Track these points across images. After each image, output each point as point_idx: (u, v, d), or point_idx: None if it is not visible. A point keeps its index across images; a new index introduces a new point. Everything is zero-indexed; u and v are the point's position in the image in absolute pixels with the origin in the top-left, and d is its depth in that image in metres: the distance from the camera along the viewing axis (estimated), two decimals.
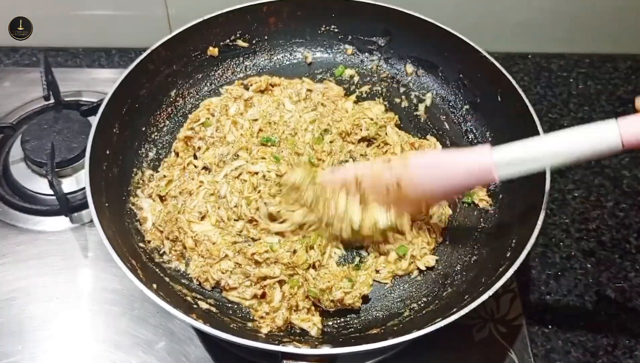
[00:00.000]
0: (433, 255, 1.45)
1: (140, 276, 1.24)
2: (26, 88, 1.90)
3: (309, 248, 1.39)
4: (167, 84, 1.69)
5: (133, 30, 2.08)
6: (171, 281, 1.37)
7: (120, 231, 1.37)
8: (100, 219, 1.27)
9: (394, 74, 1.83)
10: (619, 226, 1.68)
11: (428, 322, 1.18)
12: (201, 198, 1.49)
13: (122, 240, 1.33)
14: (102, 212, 1.32)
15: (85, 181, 1.33)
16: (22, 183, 1.68)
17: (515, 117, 1.51)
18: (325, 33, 1.85)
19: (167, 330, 1.43)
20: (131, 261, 1.28)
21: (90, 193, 1.31)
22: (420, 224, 1.47)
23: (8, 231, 1.59)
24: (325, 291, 1.33)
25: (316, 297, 1.33)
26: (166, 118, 1.69)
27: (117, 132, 1.52)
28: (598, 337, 1.48)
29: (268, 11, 1.78)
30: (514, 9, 2.01)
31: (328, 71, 1.85)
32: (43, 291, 1.49)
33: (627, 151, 1.09)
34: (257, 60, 1.85)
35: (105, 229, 1.26)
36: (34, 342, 1.41)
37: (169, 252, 1.43)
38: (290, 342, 1.27)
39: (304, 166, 1.48)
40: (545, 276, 1.58)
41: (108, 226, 1.30)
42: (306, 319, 1.33)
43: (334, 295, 1.32)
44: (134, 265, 1.27)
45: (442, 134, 1.70)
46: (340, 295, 1.32)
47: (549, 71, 2.10)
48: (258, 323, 1.32)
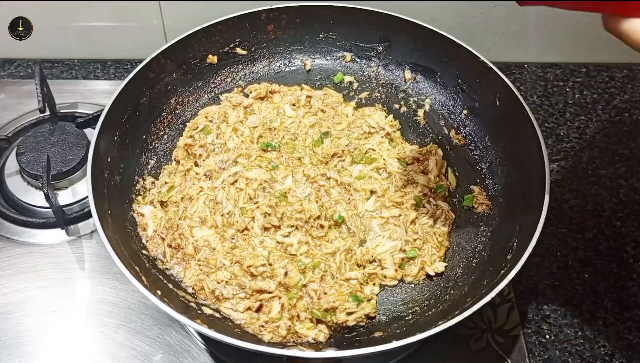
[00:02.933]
0: (442, 262, 1.45)
1: (145, 282, 1.24)
2: (21, 100, 1.90)
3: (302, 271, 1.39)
4: (167, 92, 1.70)
5: (129, 41, 2.08)
6: (174, 287, 1.37)
7: (122, 238, 1.37)
8: (103, 227, 1.27)
9: (392, 80, 1.84)
10: (616, 235, 1.68)
11: (431, 325, 1.18)
12: (201, 203, 1.50)
13: (125, 247, 1.33)
14: (105, 219, 1.32)
15: (87, 189, 1.33)
16: (17, 195, 1.68)
17: (514, 121, 1.52)
18: (323, 40, 1.85)
19: (164, 343, 1.42)
20: (135, 268, 1.28)
21: (93, 200, 1.31)
22: (427, 230, 1.48)
23: (4, 244, 1.58)
24: (329, 312, 1.33)
25: (319, 318, 1.33)
26: (166, 126, 1.69)
27: (117, 140, 1.52)
28: (595, 347, 1.48)
29: (267, 19, 1.78)
30: (510, 18, 2.01)
31: (327, 78, 1.86)
32: (39, 304, 1.48)
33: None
34: (256, 67, 1.86)
35: (109, 236, 1.26)
36: (31, 355, 1.40)
37: (170, 259, 1.43)
38: (295, 345, 1.28)
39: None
40: (542, 286, 1.57)
41: (111, 233, 1.30)
42: (312, 327, 1.33)
43: (338, 317, 1.32)
44: (137, 272, 1.27)
45: (442, 139, 1.70)
46: (344, 317, 1.32)
47: (545, 80, 2.11)
48: (259, 332, 1.32)
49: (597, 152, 1.87)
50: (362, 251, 1.44)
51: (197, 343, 1.43)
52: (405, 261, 1.44)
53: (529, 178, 1.43)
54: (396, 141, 1.68)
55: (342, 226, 1.49)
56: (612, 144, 1.89)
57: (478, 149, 1.65)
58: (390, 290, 1.42)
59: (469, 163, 1.64)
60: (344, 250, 1.44)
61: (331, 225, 1.48)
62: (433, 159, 1.61)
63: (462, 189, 1.59)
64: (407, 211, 1.50)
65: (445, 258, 1.47)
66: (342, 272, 1.40)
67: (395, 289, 1.42)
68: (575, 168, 1.84)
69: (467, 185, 1.59)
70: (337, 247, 1.44)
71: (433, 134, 1.72)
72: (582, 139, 1.91)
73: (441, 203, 1.54)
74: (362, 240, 1.47)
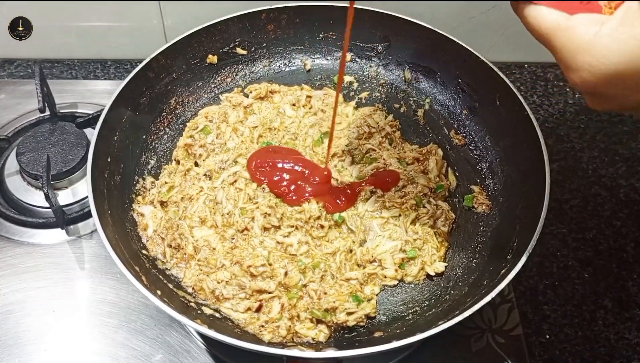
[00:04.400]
0: (443, 262, 1.45)
1: (145, 282, 1.24)
2: (21, 100, 1.90)
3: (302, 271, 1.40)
4: (167, 92, 1.69)
5: (129, 41, 2.08)
6: (174, 287, 1.37)
7: (122, 238, 1.37)
8: (103, 227, 1.27)
9: (392, 80, 1.84)
10: (616, 235, 1.68)
11: (432, 325, 1.18)
12: (201, 203, 1.50)
13: (125, 247, 1.33)
14: (105, 219, 1.32)
15: (87, 189, 1.33)
16: (17, 195, 1.67)
17: (514, 120, 1.52)
18: (323, 40, 1.85)
19: (164, 343, 1.42)
20: (134, 268, 1.28)
21: (93, 200, 1.31)
22: (427, 230, 1.48)
23: (4, 244, 1.58)
24: (329, 313, 1.33)
25: (319, 318, 1.33)
26: (166, 126, 1.69)
27: (117, 140, 1.52)
28: (595, 347, 1.48)
29: (267, 18, 1.78)
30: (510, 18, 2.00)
31: (327, 78, 1.86)
32: (39, 304, 1.48)
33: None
34: (256, 67, 1.85)
35: (109, 236, 1.26)
36: (31, 355, 1.40)
37: (170, 259, 1.43)
38: (295, 345, 1.28)
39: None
40: (542, 286, 1.57)
41: (111, 233, 1.30)
42: (312, 327, 1.33)
43: (338, 317, 1.33)
44: (137, 272, 1.27)
45: (442, 139, 1.70)
46: (344, 317, 1.32)
47: (545, 80, 2.11)
48: (259, 332, 1.31)
49: (597, 152, 1.87)
50: (362, 251, 1.44)
51: (197, 343, 1.43)
52: (405, 261, 1.44)
53: (529, 178, 1.42)
54: (396, 141, 1.67)
55: (342, 226, 1.49)
56: (612, 144, 1.89)
57: (478, 149, 1.65)
58: (390, 290, 1.42)
59: (469, 163, 1.64)
60: (344, 250, 1.44)
61: (331, 225, 1.48)
62: (433, 159, 1.61)
63: (462, 189, 1.58)
64: (407, 211, 1.50)
65: (445, 258, 1.46)
66: (342, 272, 1.40)
67: (396, 289, 1.42)
68: (575, 168, 1.84)
69: (467, 185, 1.59)
70: (337, 247, 1.44)
71: (433, 134, 1.72)
72: (582, 139, 1.91)
73: (441, 203, 1.53)
74: (362, 240, 1.47)
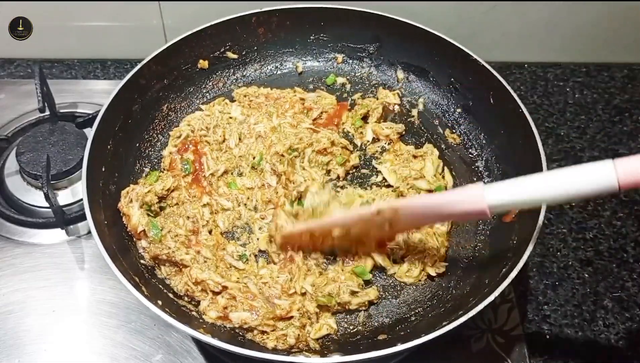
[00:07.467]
0: (443, 262, 1.45)
1: (145, 293, 1.23)
2: (21, 100, 1.90)
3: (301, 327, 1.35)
4: (159, 99, 1.70)
5: (129, 41, 2.08)
6: (174, 296, 1.37)
7: (120, 248, 1.36)
8: (101, 238, 1.27)
9: (385, 80, 1.84)
10: (616, 235, 1.68)
11: (435, 326, 1.18)
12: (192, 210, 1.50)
13: (123, 258, 1.32)
14: (102, 231, 1.31)
15: (84, 202, 1.32)
16: (17, 195, 1.67)
17: (509, 118, 1.52)
18: (314, 42, 1.86)
19: (164, 343, 1.42)
20: (134, 279, 1.27)
21: (90, 212, 1.31)
22: (427, 230, 1.47)
23: (4, 244, 1.58)
24: (333, 296, 1.33)
25: (325, 304, 1.33)
26: (159, 133, 1.69)
27: (111, 149, 1.52)
28: (596, 347, 1.48)
29: (257, 22, 1.78)
30: (510, 18, 2.01)
31: (319, 80, 1.86)
32: (39, 304, 1.48)
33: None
34: (247, 71, 1.86)
35: (107, 247, 1.26)
36: (31, 355, 1.40)
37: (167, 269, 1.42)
38: (300, 351, 1.27)
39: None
40: (542, 286, 1.57)
41: (109, 244, 1.29)
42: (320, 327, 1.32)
43: (342, 298, 1.33)
44: (137, 282, 1.27)
45: (437, 139, 1.70)
46: (348, 298, 1.33)
47: (545, 80, 2.11)
48: (262, 339, 1.30)
49: (597, 152, 1.86)
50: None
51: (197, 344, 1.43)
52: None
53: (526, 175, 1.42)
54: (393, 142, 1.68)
55: None
56: (612, 144, 1.88)
57: (474, 148, 1.65)
58: (392, 292, 1.42)
59: (465, 162, 1.64)
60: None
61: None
62: (429, 159, 1.61)
63: None
64: None
65: (446, 258, 1.46)
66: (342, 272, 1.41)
67: (398, 290, 1.42)
68: None
69: (464, 184, 1.59)
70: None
71: (428, 134, 1.72)
72: (582, 139, 1.91)
73: None
74: None
